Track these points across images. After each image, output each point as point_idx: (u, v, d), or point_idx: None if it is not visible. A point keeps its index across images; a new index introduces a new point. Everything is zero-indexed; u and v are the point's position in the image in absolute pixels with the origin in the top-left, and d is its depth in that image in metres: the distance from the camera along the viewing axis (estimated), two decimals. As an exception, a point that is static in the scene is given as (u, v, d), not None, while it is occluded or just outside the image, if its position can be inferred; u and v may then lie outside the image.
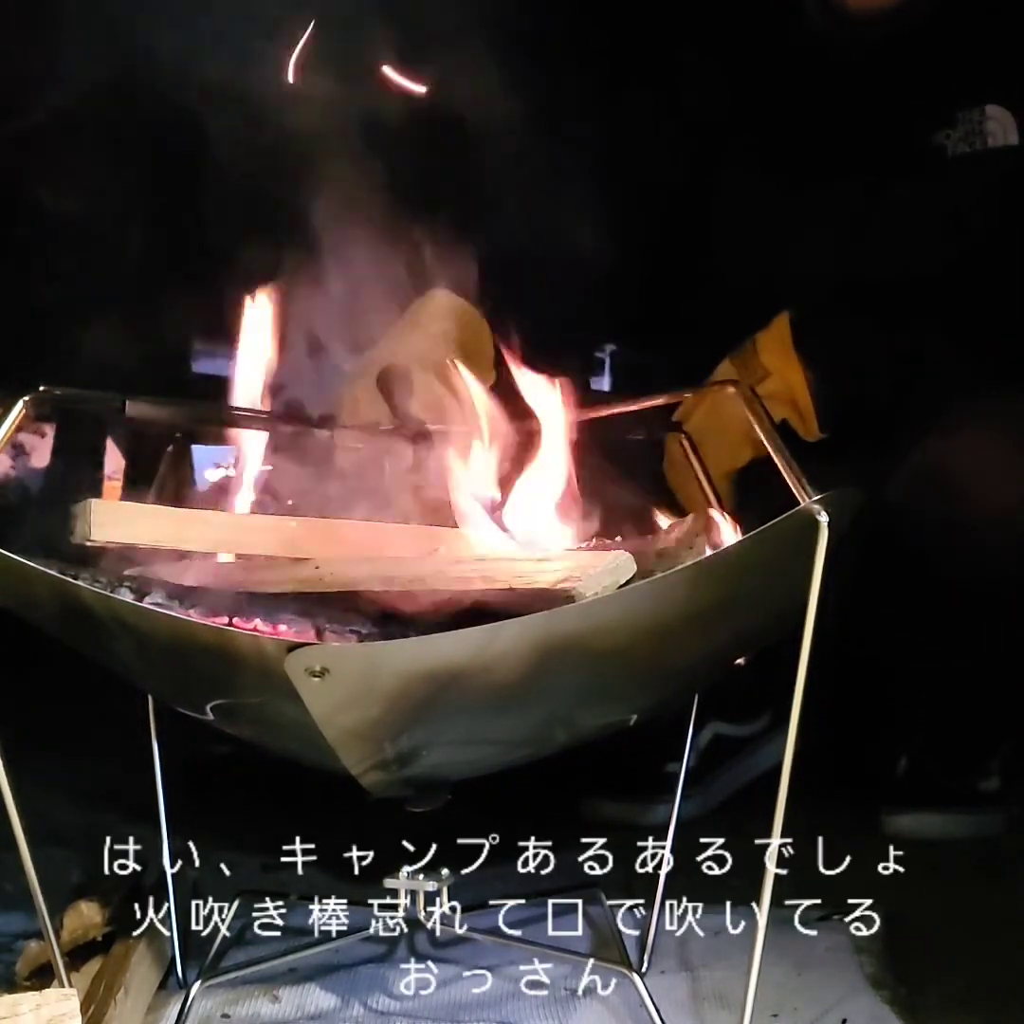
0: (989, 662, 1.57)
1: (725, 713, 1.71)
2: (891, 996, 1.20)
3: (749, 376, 1.50)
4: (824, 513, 1.02)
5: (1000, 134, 1.55)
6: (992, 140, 1.55)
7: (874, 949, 1.27)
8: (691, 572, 1.02)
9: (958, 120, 1.55)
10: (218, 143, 1.46)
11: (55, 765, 1.64)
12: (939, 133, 1.56)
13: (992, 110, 1.55)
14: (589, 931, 1.28)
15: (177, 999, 1.21)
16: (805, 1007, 1.18)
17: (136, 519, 1.16)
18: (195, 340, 1.90)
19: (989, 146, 1.55)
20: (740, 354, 1.54)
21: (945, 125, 1.56)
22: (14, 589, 1.10)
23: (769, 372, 1.51)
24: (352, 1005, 1.21)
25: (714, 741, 1.71)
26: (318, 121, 1.37)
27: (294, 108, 1.40)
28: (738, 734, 1.72)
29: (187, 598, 1.09)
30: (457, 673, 1.00)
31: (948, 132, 1.56)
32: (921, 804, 1.59)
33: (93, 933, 1.25)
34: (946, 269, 1.52)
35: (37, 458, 1.70)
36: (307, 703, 0.99)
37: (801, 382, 1.50)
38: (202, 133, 1.45)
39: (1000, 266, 1.53)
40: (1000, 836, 1.60)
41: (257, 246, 1.38)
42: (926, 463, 1.50)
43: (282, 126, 1.38)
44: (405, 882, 1.17)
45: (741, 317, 1.56)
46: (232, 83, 1.40)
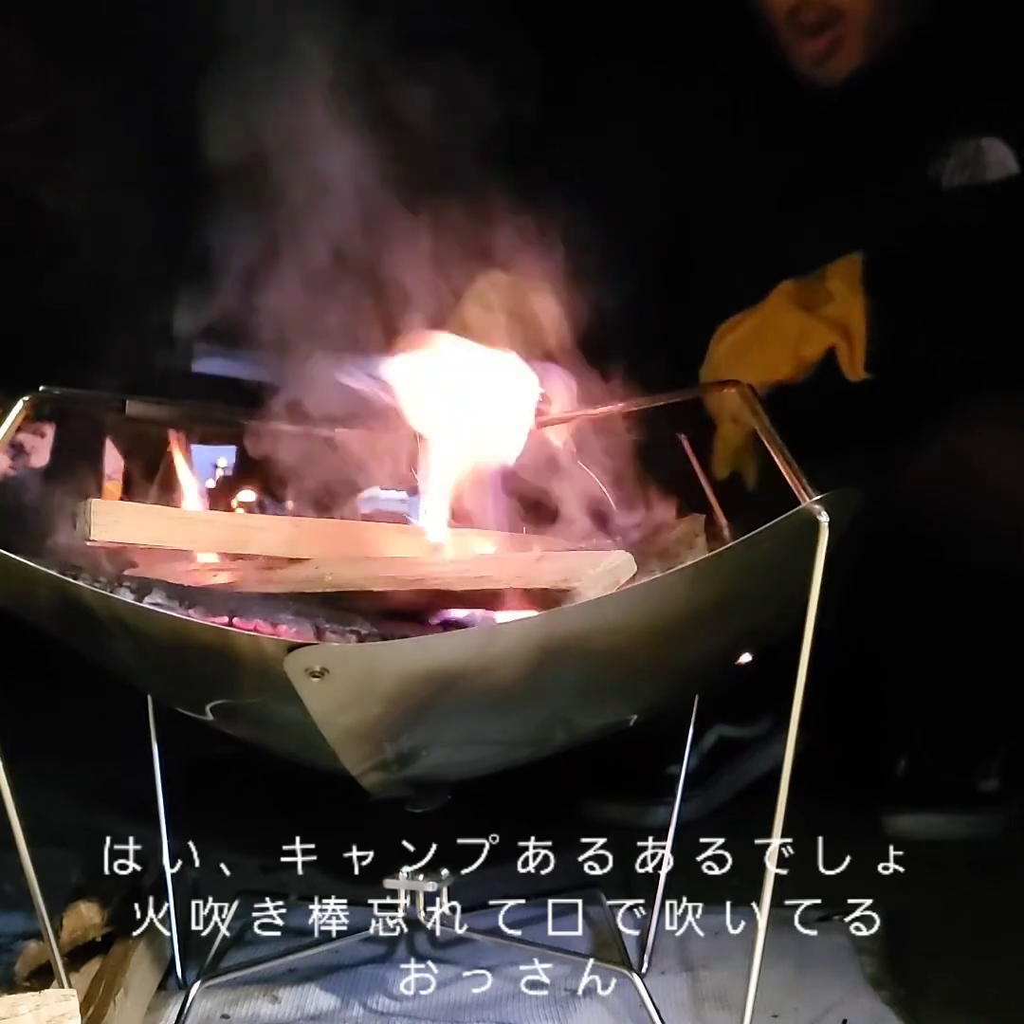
0: (988, 661, 1.57)
1: (729, 715, 1.71)
2: (891, 996, 1.20)
3: (809, 297, 1.49)
4: (824, 513, 1.02)
5: (997, 166, 1.55)
6: (990, 172, 1.55)
7: (874, 949, 1.27)
8: (691, 572, 1.02)
9: (952, 152, 1.56)
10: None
11: (55, 765, 1.63)
12: (935, 163, 1.57)
13: (987, 142, 1.55)
14: (589, 931, 1.28)
15: (177, 999, 1.21)
16: (805, 1007, 1.18)
17: (136, 519, 1.16)
18: (196, 340, 1.90)
19: (987, 178, 1.55)
20: (804, 279, 1.52)
21: (940, 155, 1.57)
22: (14, 589, 1.10)
23: (832, 297, 1.49)
24: (352, 1005, 1.21)
25: (718, 743, 1.71)
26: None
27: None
28: (741, 736, 1.71)
29: (187, 598, 1.09)
30: (457, 673, 1.00)
31: (944, 162, 1.56)
32: (921, 804, 1.59)
33: (93, 933, 1.25)
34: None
35: (37, 458, 1.70)
36: (307, 703, 0.99)
37: (860, 313, 1.48)
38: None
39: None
40: (1000, 836, 1.60)
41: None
42: (940, 453, 1.50)
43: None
44: (405, 882, 1.17)
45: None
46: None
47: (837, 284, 1.50)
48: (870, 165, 1.59)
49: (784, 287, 1.52)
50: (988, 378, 1.49)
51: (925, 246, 1.52)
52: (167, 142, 1.72)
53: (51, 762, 1.59)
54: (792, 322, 1.49)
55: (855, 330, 1.48)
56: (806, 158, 1.60)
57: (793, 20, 1.58)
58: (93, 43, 1.77)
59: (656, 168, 1.63)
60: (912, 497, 1.49)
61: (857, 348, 1.48)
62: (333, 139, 1.32)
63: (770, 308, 1.50)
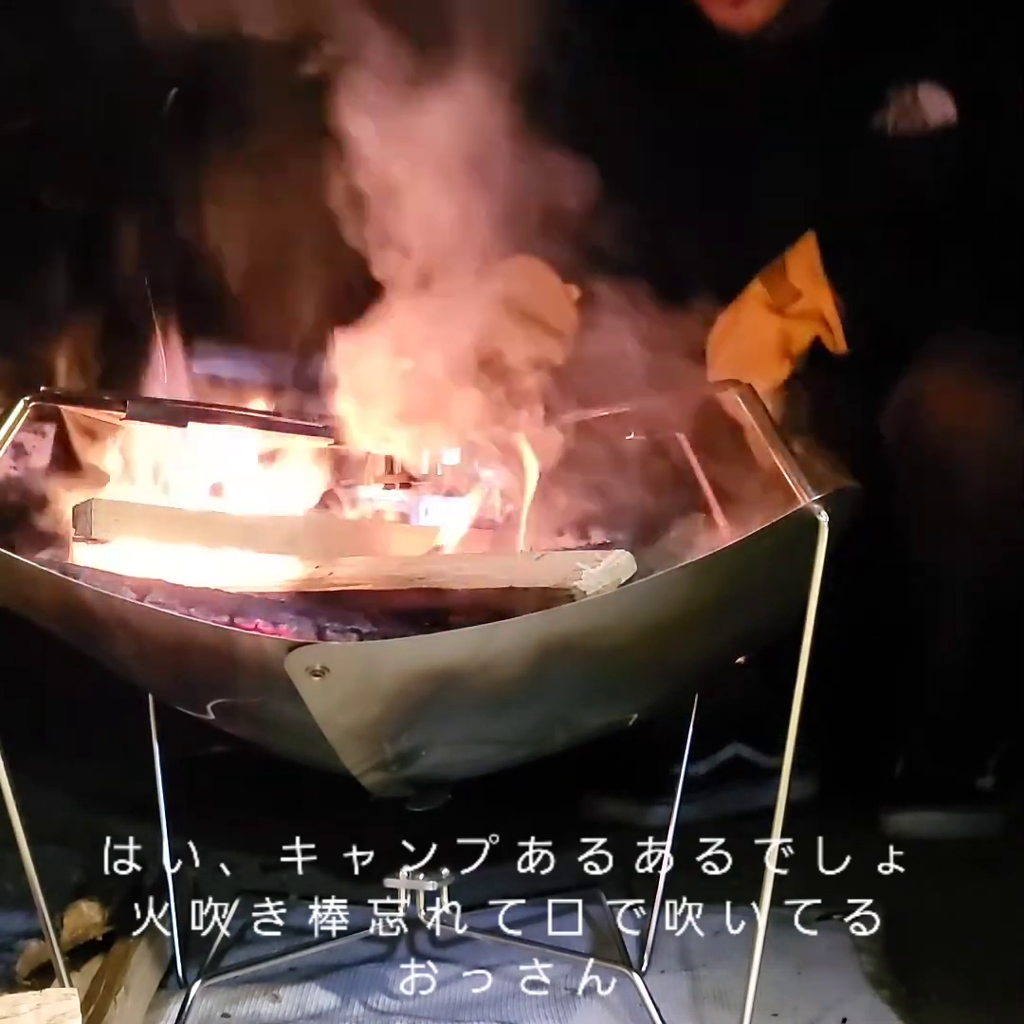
0: (987, 659, 1.57)
1: (751, 738, 1.70)
2: (891, 996, 1.20)
3: (780, 296, 1.56)
4: (824, 513, 1.02)
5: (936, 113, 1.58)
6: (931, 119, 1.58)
7: (874, 949, 1.27)
8: (691, 571, 1.02)
9: (891, 101, 1.59)
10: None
11: (55, 765, 1.64)
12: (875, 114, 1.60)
13: (925, 89, 1.58)
14: (589, 931, 1.28)
15: (177, 999, 1.21)
16: (805, 1007, 1.18)
17: (137, 518, 1.16)
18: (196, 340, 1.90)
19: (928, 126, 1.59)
20: (770, 273, 1.58)
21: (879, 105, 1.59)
22: (14, 589, 1.10)
23: (800, 293, 1.57)
24: (352, 1005, 1.21)
25: (734, 759, 1.71)
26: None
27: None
28: (757, 761, 1.71)
29: (187, 598, 1.09)
30: (457, 673, 1.00)
31: (883, 112, 1.60)
32: (920, 803, 1.59)
33: (93, 933, 1.25)
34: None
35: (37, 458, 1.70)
36: (307, 702, 0.99)
37: (829, 300, 1.56)
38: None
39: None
40: (999, 835, 1.60)
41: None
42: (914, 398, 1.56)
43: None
44: (405, 882, 1.17)
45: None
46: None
47: (798, 279, 1.57)
48: (811, 118, 1.60)
49: (754, 291, 1.58)
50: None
51: (875, 206, 1.57)
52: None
53: (51, 762, 1.60)
54: (774, 329, 1.56)
55: (829, 315, 1.56)
56: (745, 112, 1.62)
57: None
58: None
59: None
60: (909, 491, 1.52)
61: (836, 329, 1.56)
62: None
63: (749, 317, 1.57)
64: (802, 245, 1.58)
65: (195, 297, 1.64)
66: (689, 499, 1.40)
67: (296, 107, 1.44)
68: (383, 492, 1.31)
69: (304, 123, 1.39)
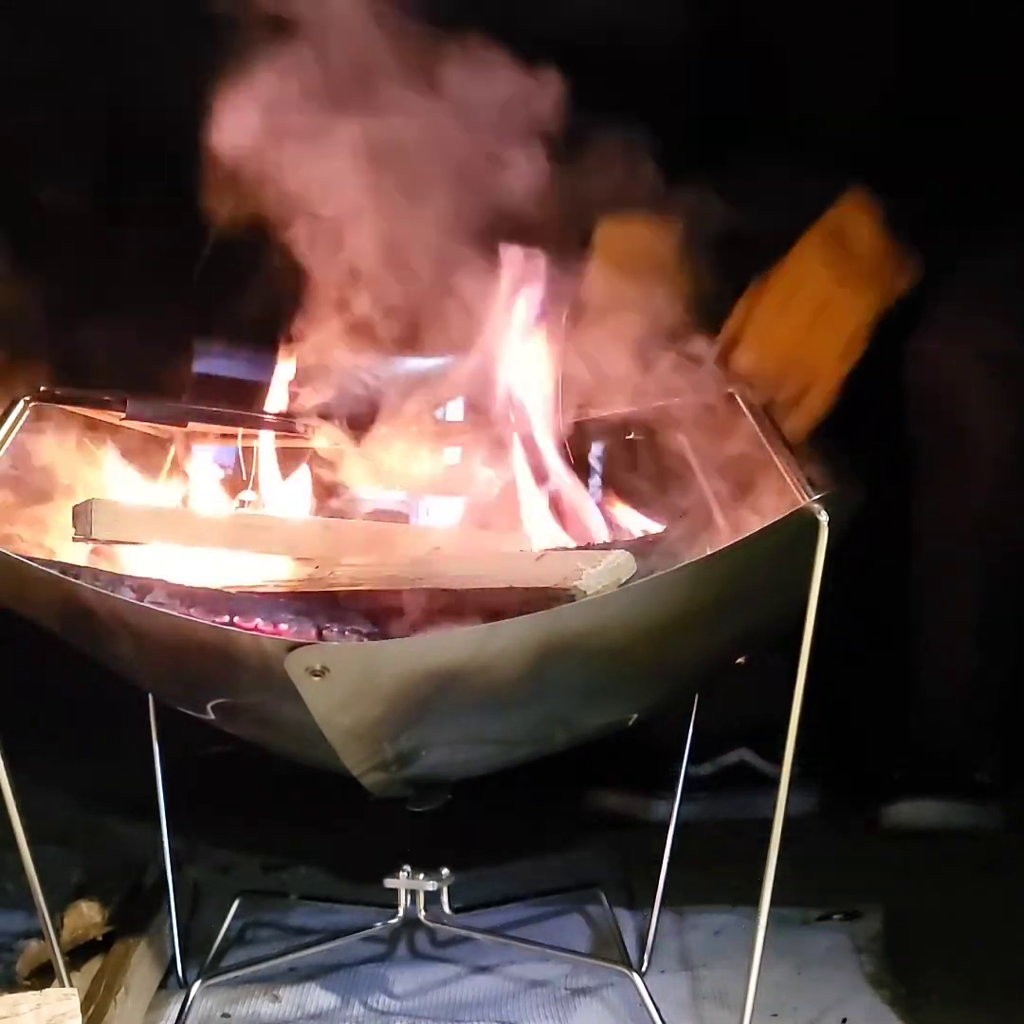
0: (987, 652, 1.57)
1: (760, 746, 1.70)
2: (891, 996, 1.20)
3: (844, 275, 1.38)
4: (824, 513, 1.02)
5: None
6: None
7: (874, 949, 1.27)
8: (691, 571, 1.02)
9: None
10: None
11: (55, 765, 1.64)
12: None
13: None
14: (589, 931, 1.28)
15: (177, 999, 1.21)
16: (805, 1007, 1.18)
17: (137, 519, 1.16)
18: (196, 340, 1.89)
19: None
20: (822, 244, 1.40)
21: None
22: (14, 589, 1.10)
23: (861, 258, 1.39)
24: (352, 1005, 1.21)
25: (739, 764, 1.71)
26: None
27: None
28: (763, 770, 1.71)
29: (187, 598, 1.09)
30: (457, 673, 1.00)
31: None
32: (920, 798, 1.59)
33: (93, 933, 1.25)
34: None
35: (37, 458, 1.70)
36: (308, 703, 0.99)
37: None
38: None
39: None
40: (1000, 831, 1.60)
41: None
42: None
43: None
44: (405, 882, 1.17)
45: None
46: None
47: (859, 238, 1.39)
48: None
49: (810, 269, 1.38)
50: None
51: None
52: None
53: (51, 762, 1.60)
54: (852, 312, 1.38)
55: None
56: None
57: None
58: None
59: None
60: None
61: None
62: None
63: (815, 295, 1.37)
64: (848, 202, 1.39)
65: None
66: (689, 499, 1.40)
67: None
68: (383, 492, 1.32)
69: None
